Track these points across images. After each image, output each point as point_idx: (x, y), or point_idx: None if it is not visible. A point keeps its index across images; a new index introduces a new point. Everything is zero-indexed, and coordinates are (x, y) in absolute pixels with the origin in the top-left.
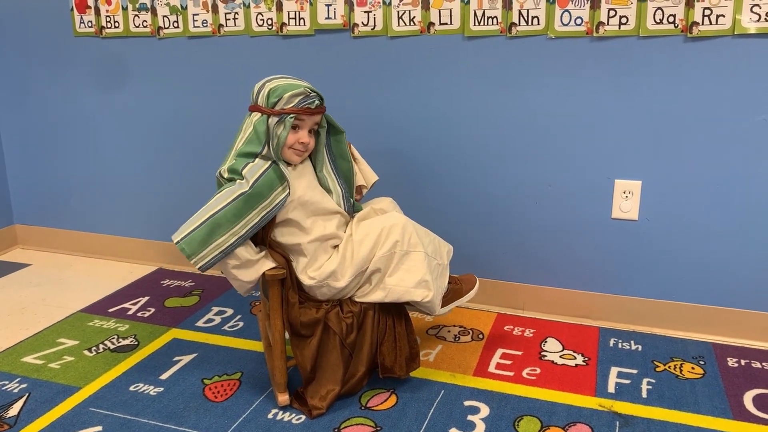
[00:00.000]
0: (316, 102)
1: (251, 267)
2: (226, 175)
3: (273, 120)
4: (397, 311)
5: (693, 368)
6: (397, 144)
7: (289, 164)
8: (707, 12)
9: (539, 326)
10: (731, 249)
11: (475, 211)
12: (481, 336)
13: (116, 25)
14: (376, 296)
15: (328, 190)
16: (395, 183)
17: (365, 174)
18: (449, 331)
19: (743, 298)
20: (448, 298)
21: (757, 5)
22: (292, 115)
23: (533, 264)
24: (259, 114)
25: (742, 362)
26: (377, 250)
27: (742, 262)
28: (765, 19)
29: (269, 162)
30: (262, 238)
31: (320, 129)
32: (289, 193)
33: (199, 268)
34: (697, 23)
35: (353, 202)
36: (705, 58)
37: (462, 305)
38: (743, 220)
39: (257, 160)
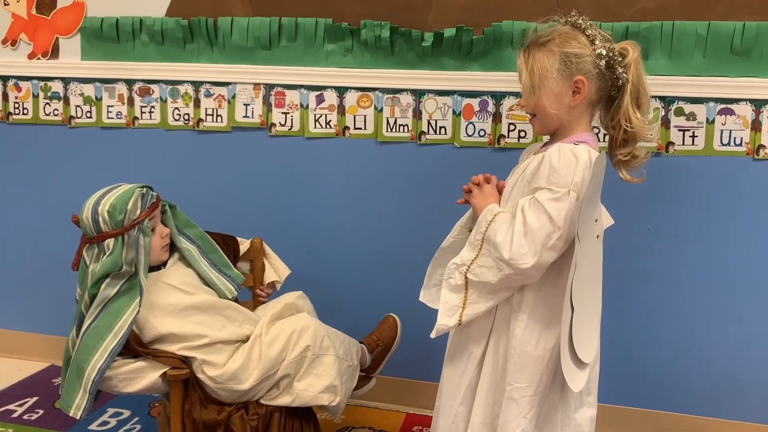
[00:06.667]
0: (152, 193)
1: (136, 375)
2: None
3: (129, 236)
4: (305, 413)
5: None
6: (309, 242)
7: (161, 265)
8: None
9: None
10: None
11: (382, 311)
12: None
13: (25, 111)
14: (284, 400)
15: (203, 278)
16: (307, 280)
17: (277, 269)
18: None
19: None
20: (371, 366)
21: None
22: (147, 221)
23: (441, 362)
24: (111, 241)
25: None
26: (287, 353)
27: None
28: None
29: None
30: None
31: (162, 213)
32: (138, 306)
33: (80, 418)
34: None
35: (231, 274)
36: None
37: (371, 406)
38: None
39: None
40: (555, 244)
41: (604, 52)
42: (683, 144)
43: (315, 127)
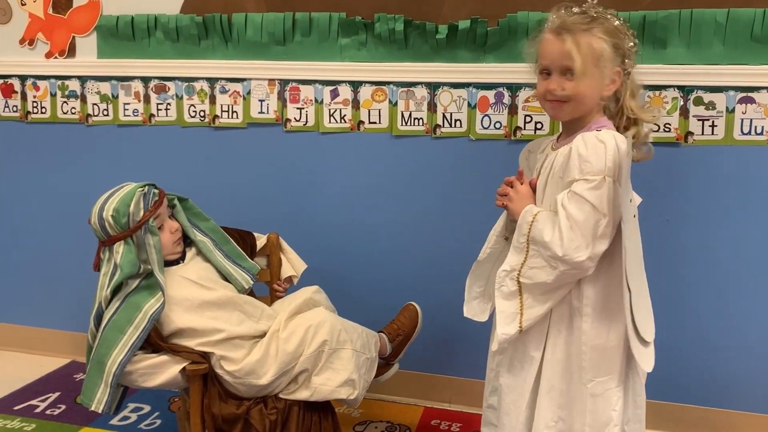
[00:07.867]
0: (154, 191)
1: (156, 370)
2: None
3: (138, 236)
4: (323, 407)
5: None
6: (325, 237)
7: (180, 259)
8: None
9: (466, 420)
10: None
11: (399, 304)
12: (408, 431)
13: (43, 110)
14: (302, 395)
15: (221, 270)
16: (323, 274)
17: (294, 263)
18: (376, 427)
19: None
20: (392, 354)
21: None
22: (152, 220)
23: (460, 356)
24: (120, 245)
25: None
26: (305, 348)
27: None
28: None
29: (136, 282)
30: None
31: (171, 208)
32: (163, 303)
33: (102, 412)
34: None
35: (246, 265)
36: None
37: (389, 399)
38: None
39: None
40: (605, 231)
41: (632, 44)
42: (702, 134)
43: (330, 122)
